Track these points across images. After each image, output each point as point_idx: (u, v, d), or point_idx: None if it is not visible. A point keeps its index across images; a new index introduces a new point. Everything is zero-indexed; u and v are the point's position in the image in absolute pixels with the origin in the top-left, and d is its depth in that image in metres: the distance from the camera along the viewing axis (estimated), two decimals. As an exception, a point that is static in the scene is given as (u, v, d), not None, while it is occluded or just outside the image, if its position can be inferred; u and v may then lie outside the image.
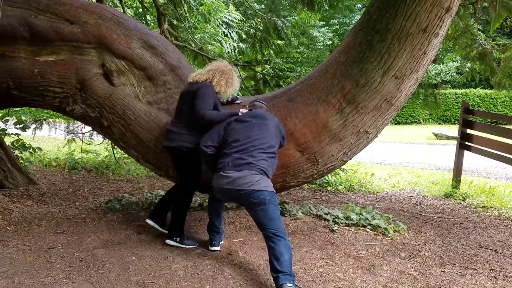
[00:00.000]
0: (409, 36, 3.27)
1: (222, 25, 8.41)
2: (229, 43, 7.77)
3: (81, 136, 7.27)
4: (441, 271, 3.17)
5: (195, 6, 7.27)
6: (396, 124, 19.73)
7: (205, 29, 7.95)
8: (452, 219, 4.60)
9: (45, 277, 2.83)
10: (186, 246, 3.41)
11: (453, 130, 14.39)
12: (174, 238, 3.43)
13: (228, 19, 8.45)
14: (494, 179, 7.18)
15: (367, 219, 4.04)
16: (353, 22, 21.94)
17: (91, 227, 3.87)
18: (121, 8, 6.58)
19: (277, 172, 3.42)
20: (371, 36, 3.39)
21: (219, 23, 8.33)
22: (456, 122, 18.18)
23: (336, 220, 4.04)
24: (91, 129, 6.30)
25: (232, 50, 7.72)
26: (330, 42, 22.46)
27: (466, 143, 5.93)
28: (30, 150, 6.06)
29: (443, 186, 6.12)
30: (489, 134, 5.70)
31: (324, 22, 22.47)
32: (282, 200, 4.51)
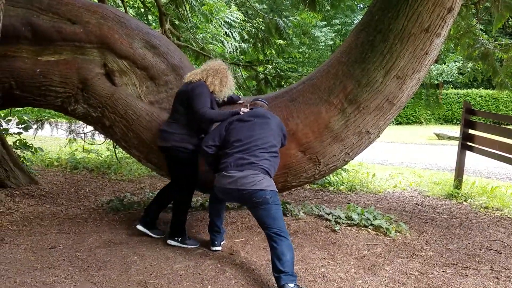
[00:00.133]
0: (411, 36, 3.26)
1: (224, 25, 8.40)
2: (231, 43, 7.77)
3: (83, 136, 7.29)
4: (443, 271, 3.17)
5: (197, 6, 7.27)
6: (397, 124, 19.70)
7: (206, 29, 7.94)
8: (454, 220, 4.59)
9: (47, 276, 2.83)
10: (188, 246, 3.41)
11: (455, 130, 14.36)
12: (175, 238, 3.43)
13: (230, 19, 8.44)
14: (496, 179, 7.16)
15: (368, 219, 4.04)
16: (355, 22, 21.90)
17: (93, 227, 3.87)
18: (123, 8, 6.59)
19: (278, 172, 3.42)
20: (373, 36, 3.39)
21: (221, 23, 8.33)
22: (458, 122, 18.17)
23: (338, 220, 4.04)
24: (92, 129, 6.33)
25: (234, 50, 7.71)
26: (332, 42, 22.44)
27: (468, 143, 5.92)
28: (32, 150, 6.07)
29: (445, 187, 6.11)
30: (491, 134, 5.70)
31: (326, 22, 22.47)
32: (284, 200, 4.51)
